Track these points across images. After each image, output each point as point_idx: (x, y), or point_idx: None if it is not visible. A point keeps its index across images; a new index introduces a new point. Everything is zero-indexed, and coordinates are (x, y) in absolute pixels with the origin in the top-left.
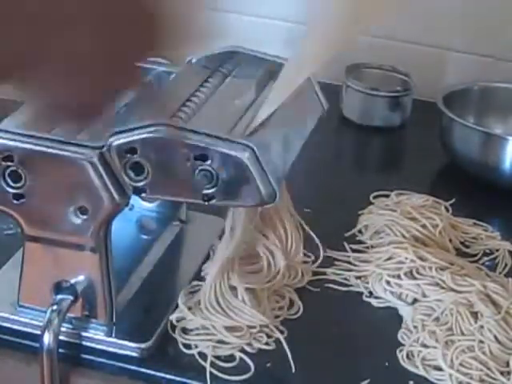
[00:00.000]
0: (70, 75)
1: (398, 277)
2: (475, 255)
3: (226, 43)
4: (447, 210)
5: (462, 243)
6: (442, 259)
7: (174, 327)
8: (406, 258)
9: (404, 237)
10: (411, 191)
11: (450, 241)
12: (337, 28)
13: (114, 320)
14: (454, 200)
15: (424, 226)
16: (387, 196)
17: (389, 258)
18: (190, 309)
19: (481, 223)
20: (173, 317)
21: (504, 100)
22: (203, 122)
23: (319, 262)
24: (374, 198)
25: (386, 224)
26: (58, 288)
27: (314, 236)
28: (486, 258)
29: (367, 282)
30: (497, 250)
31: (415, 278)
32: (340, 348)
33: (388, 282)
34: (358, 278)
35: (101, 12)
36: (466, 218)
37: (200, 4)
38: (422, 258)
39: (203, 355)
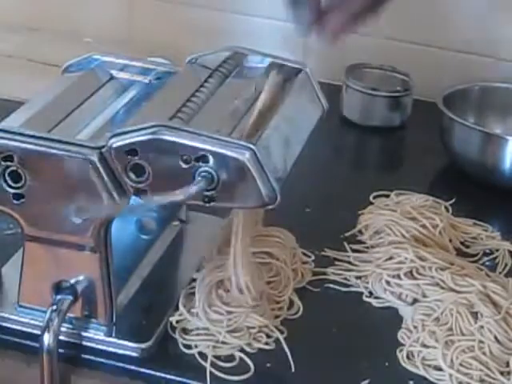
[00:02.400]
0: None
1: (398, 277)
2: (475, 255)
3: (227, 43)
4: (447, 210)
5: (462, 243)
6: (442, 259)
7: (173, 328)
8: (406, 258)
9: (404, 237)
10: (411, 191)
11: (450, 241)
12: None
13: (114, 320)
14: (453, 200)
15: (424, 226)
16: (387, 196)
17: (389, 258)
18: (189, 311)
19: (481, 223)
20: (173, 319)
21: (504, 100)
22: (203, 123)
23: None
24: (374, 197)
25: (386, 224)
26: (58, 288)
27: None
28: (485, 258)
29: (367, 282)
30: (497, 250)
31: (415, 278)
32: (340, 348)
33: (388, 282)
34: (358, 278)
35: None
36: (466, 218)
37: None
38: (421, 258)
39: (203, 355)
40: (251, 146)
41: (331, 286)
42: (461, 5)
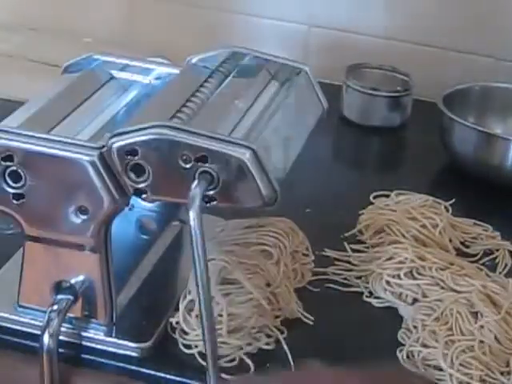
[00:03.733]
0: None
1: (398, 277)
2: (475, 255)
3: (227, 43)
4: (447, 210)
5: (462, 243)
6: (442, 259)
7: (173, 328)
8: (406, 258)
9: (404, 237)
10: (411, 191)
11: (450, 241)
12: None
13: (114, 320)
14: (453, 200)
15: (424, 226)
16: (387, 196)
17: (389, 258)
18: (190, 311)
19: (481, 223)
20: (173, 320)
21: (504, 100)
22: (204, 123)
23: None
24: (374, 197)
25: (386, 224)
26: (58, 288)
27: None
28: (486, 258)
29: (367, 282)
30: (497, 250)
31: (415, 278)
32: (340, 348)
33: (388, 282)
34: (358, 277)
35: None
36: (466, 217)
37: None
38: (421, 258)
39: (203, 355)
40: (251, 146)
41: (331, 285)
42: (461, 5)
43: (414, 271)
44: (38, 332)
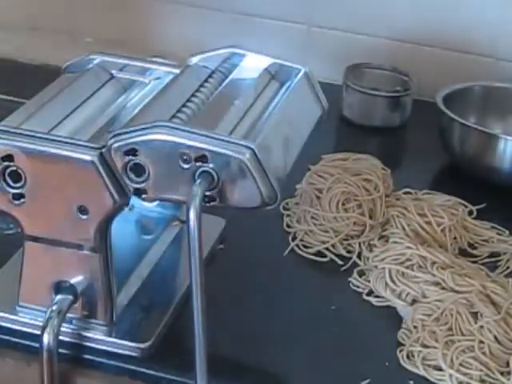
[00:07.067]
0: None
1: (399, 276)
2: (478, 256)
3: (227, 43)
4: (471, 213)
5: (471, 245)
6: (443, 259)
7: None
8: (407, 258)
9: (404, 229)
10: (411, 191)
11: (455, 240)
12: None
13: (114, 320)
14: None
15: (428, 223)
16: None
17: (389, 257)
18: None
19: (498, 227)
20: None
21: (504, 100)
22: (204, 123)
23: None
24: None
25: (393, 215)
26: (58, 288)
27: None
28: (487, 260)
29: (368, 281)
30: (504, 254)
31: (416, 277)
32: (340, 348)
33: (388, 281)
34: (359, 275)
35: None
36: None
37: None
38: (422, 258)
39: None
40: (251, 146)
41: (331, 284)
42: (461, 4)
43: (415, 270)
44: (38, 332)
